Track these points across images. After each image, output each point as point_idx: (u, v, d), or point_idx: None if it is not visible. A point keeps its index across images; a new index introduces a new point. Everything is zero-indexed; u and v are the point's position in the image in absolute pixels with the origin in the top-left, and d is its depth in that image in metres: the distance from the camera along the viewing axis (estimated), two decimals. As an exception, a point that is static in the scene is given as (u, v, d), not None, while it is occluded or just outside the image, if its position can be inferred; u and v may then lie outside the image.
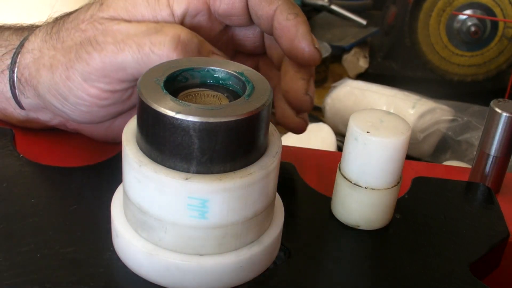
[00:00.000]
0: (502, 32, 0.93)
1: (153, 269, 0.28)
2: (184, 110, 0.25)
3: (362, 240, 0.33)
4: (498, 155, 0.40)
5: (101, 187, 0.34)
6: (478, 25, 0.93)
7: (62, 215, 0.32)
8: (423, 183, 0.39)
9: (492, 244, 0.34)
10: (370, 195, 0.33)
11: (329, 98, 0.85)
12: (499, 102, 0.39)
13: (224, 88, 0.29)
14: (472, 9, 0.93)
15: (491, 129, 0.39)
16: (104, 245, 0.30)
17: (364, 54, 1.04)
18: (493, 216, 0.36)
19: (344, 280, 0.31)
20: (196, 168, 0.26)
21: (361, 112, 0.33)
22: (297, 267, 0.31)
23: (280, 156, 0.29)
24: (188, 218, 0.26)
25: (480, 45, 0.95)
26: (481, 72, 0.96)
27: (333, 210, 0.35)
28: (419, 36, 0.96)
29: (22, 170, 0.36)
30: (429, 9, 0.94)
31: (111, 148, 0.38)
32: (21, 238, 0.30)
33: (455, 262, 0.32)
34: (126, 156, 0.28)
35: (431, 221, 0.35)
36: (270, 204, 0.29)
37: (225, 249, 0.28)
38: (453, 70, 0.97)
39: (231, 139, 0.26)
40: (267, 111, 0.27)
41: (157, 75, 0.27)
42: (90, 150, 0.42)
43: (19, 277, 0.28)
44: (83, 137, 0.42)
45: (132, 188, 0.28)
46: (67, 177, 0.36)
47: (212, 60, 0.30)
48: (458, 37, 0.95)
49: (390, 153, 0.31)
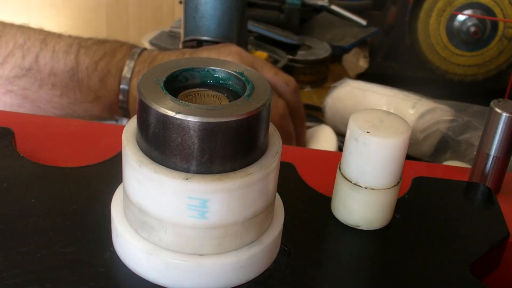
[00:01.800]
0: (502, 32, 0.93)
1: (153, 269, 0.28)
2: (184, 110, 0.25)
3: (362, 240, 0.33)
4: (498, 155, 0.40)
5: (101, 187, 0.34)
6: (478, 25, 0.93)
7: (62, 215, 0.32)
8: (423, 183, 0.39)
9: (492, 244, 0.34)
10: (370, 195, 0.33)
11: (329, 98, 0.85)
12: (499, 102, 0.39)
13: (224, 88, 0.29)
14: (472, 9, 0.93)
15: (491, 129, 0.39)
16: (104, 245, 0.30)
17: (364, 54, 1.04)
18: (493, 216, 0.36)
19: (344, 280, 0.31)
20: (196, 168, 0.26)
21: (361, 112, 0.33)
22: (297, 267, 0.31)
23: (280, 156, 0.29)
24: (188, 218, 0.26)
25: (480, 45, 0.95)
26: (481, 72, 0.96)
27: (333, 210, 0.35)
28: (419, 36, 0.96)
29: (22, 170, 0.36)
30: (429, 9, 0.94)
31: (111, 148, 0.38)
32: (21, 238, 0.30)
33: (455, 262, 0.32)
34: (126, 156, 0.28)
35: (431, 221, 0.35)
36: (270, 204, 0.29)
37: (225, 249, 0.28)
38: (453, 70, 0.97)
39: (231, 139, 0.26)
40: (267, 111, 0.27)
41: (157, 75, 0.27)
42: (90, 150, 0.42)
43: (19, 277, 0.28)
44: (83, 137, 0.42)
45: (132, 188, 0.28)
46: (67, 177, 0.36)
47: (212, 60, 0.30)
48: (458, 37, 0.95)
49: (390, 153, 0.31)
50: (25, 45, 0.61)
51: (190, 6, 0.66)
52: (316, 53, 0.98)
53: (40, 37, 0.62)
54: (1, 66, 0.61)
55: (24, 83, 0.62)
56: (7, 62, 0.61)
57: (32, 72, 0.61)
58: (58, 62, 0.61)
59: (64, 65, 0.61)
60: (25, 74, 0.61)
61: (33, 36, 0.62)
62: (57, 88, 0.62)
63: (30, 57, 0.61)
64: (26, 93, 0.62)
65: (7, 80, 0.61)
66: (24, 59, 0.61)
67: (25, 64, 0.61)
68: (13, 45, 0.61)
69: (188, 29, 0.66)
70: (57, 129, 0.43)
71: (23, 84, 0.62)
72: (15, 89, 0.62)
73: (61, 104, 0.63)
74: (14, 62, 0.61)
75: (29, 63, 0.61)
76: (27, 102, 0.63)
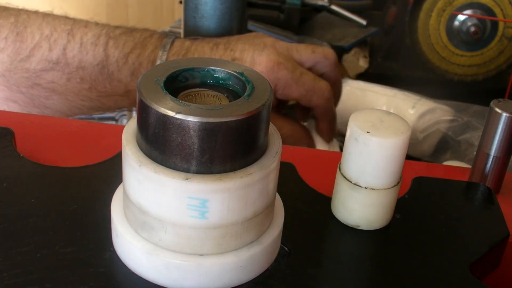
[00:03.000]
0: (502, 32, 0.93)
1: (153, 269, 0.28)
2: (184, 110, 0.25)
3: (362, 240, 0.33)
4: (498, 155, 0.40)
5: (101, 187, 0.34)
6: (478, 25, 0.93)
7: (62, 215, 0.32)
8: (423, 183, 0.39)
9: (492, 244, 0.34)
10: (370, 195, 0.33)
11: (329, 98, 0.85)
12: (499, 102, 0.39)
13: (224, 88, 0.29)
14: (472, 9, 0.93)
15: (491, 129, 0.39)
16: (104, 245, 0.30)
17: (364, 54, 1.04)
18: (493, 216, 0.36)
19: (344, 280, 0.31)
20: (196, 168, 0.26)
21: (361, 112, 0.33)
22: (297, 267, 0.31)
23: (280, 156, 0.29)
24: (188, 218, 0.26)
25: (480, 45, 0.95)
26: (481, 72, 0.96)
27: (333, 210, 0.35)
28: (419, 36, 0.95)
29: (22, 170, 0.36)
30: (429, 9, 0.94)
31: (111, 148, 0.38)
32: (21, 238, 0.30)
33: (455, 262, 0.32)
34: (126, 156, 0.28)
35: (431, 221, 0.35)
36: (270, 204, 0.29)
37: (225, 249, 0.28)
38: (453, 70, 0.97)
39: (231, 139, 0.26)
40: (267, 111, 0.27)
41: (157, 75, 0.27)
42: (90, 150, 0.42)
43: (19, 277, 0.28)
44: (83, 137, 0.42)
45: (132, 188, 0.28)
46: (67, 177, 0.36)
47: (212, 60, 0.30)
48: (458, 37, 0.95)
49: (390, 153, 0.31)
50: (52, 37, 0.59)
51: (190, 6, 0.66)
52: (316, 53, 0.98)
53: (67, 28, 0.60)
54: (28, 59, 0.59)
55: (52, 77, 0.60)
56: (34, 55, 0.59)
57: (60, 65, 0.59)
58: (86, 55, 0.59)
59: (93, 58, 0.59)
60: (53, 68, 0.59)
61: (59, 26, 0.60)
62: (86, 81, 0.60)
63: (57, 50, 0.59)
64: (54, 86, 0.60)
65: (34, 73, 0.59)
66: (51, 52, 0.59)
67: (53, 57, 0.59)
68: (40, 37, 0.59)
69: (188, 29, 0.66)
70: (57, 129, 0.43)
71: (50, 77, 0.60)
72: (42, 82, 0.60)
73: (90, 97, 0.61)
74: (41, 55, 0.59)
75: (57, 56, 0.59)
76: (55, 95, 0.61)
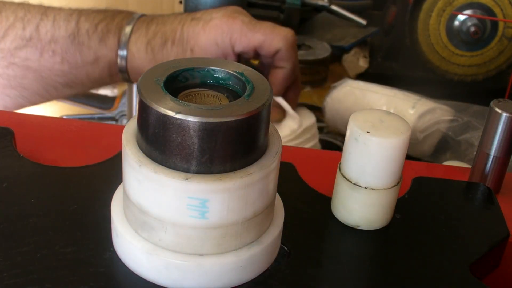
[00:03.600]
0: (502, 32, 0.93)
1: (153, 269, 0.28)
2: (184, 110, 0.25)
3: (362, 240, 0.33)
4: (498, 155, 0.40)
5: (101, 187, 0.34)
6: (478, 25, 0.93)
7: (62, 215, 0.32)
8: (423, 183, 0.39)
9: (492, 244, 0.34)
10: (370, 195, 0.33)
11: (329, 98, 0.85)
12: (499, 102, 0.39)
13: (224, 88, 0.29)
14: (472, 9, 0.93)
15: (491, 129, 0.39)
16: (104, 245, 0.30)
17: (364, 54, 1.04)
18: (493, 216, 0.36)
19: (344, 280, 0.31)
20: (196, 168, 0.26)
21: (361, 112, 0.33)
22: (297, 267, 0.31)
23: (280, 156, 0.29)
24: (188, 218, 0.26)
25: (480, 45, 0.95)
26: (481, 72, 0.96)
27: (333, 210, 0.35)
28: (419, 36, 0.95)
29: (22, 170, 0.36)
30: (429, 9, 0.94)
31: (111, 148, 0.38)
32: (21, 238, 0.30)
33: (455, 262, 0.32)
34: (126, 156, 0.28)
35: (431, 221, 0.35)
36: (270, 204, 0.29)
37: (225, 249, 0.28)
38: (453, 70, 0.97)
39: (231, 139, 0.26)
40: (267, 111, 0.27)
41: (157, 75, 0.27)
42: (90, 150, 0.42)
43: (19, 277, 0.28)
44: (83, 137, 0.42)
45: (132, 188, 0.28)
46: (67, 177, 0.36)
47: (212, 60, 0.30)
48: (458, 37, 0.95)
49: (390, 153, 0.31)
50: (26, 17, 0.63)
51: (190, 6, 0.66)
52: (316, 53, 0.98)
53: (41, 10, 0.64)
54: (2, 39, 0.63)
55: (26, 54, 0.63)
56: (8, 34, 0.63)
57: (33, 41, 0.63)
58: (59, 29, 0.63)
59: (65, 31, 0.63)
60: (26, 44, 0.63)
61: (33, 9, 0.64)
62: (57, 54, 0.63)
63: (30, 27, 0.63)
64: (28, 64, 0.63)
65: (9, 52, 0.63)
66: (25, 30, 0.63)
67: (26, 34, 0.63)
68: (14, 18, 0.63)
69: (188, 29, 0.66)
70: (57, 129, 0.43)
71: (24, 54, 0.63)
72: (17, 61, 0.63)
73: (63, 71, 0.64)
74: (15, 34, 0.63)
75: (30, 33, 0.63)
76: (29, 72, 0.64)
